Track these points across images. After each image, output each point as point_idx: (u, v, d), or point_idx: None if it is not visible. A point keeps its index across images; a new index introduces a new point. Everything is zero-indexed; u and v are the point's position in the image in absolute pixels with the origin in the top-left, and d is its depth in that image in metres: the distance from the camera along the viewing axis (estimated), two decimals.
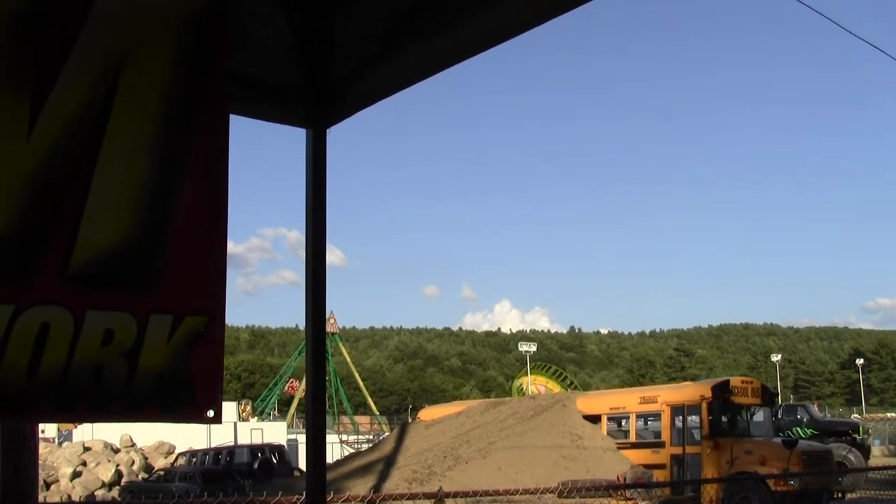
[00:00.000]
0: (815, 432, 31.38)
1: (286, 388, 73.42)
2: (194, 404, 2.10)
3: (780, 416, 30.59)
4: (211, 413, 2.12)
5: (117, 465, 32.55)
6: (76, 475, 30.96)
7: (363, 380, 79.85)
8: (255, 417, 62.56)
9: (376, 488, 19.64)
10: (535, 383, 57.74)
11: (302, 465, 32.97)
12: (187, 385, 2.08)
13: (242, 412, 59.58)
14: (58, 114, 1.92)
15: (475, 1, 2.33)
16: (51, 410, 1.95)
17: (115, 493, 30.32)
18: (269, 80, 2.85)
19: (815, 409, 38.71)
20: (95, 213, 1.96)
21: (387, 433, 44.91)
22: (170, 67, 2.10)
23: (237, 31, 2.27)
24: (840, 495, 19.92)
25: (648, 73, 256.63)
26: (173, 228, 2.09)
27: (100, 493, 30.26)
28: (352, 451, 41.35)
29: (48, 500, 24.48)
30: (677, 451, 21.27)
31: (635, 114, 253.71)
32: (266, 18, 2.74)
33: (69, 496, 28.45)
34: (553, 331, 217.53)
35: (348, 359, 72.04)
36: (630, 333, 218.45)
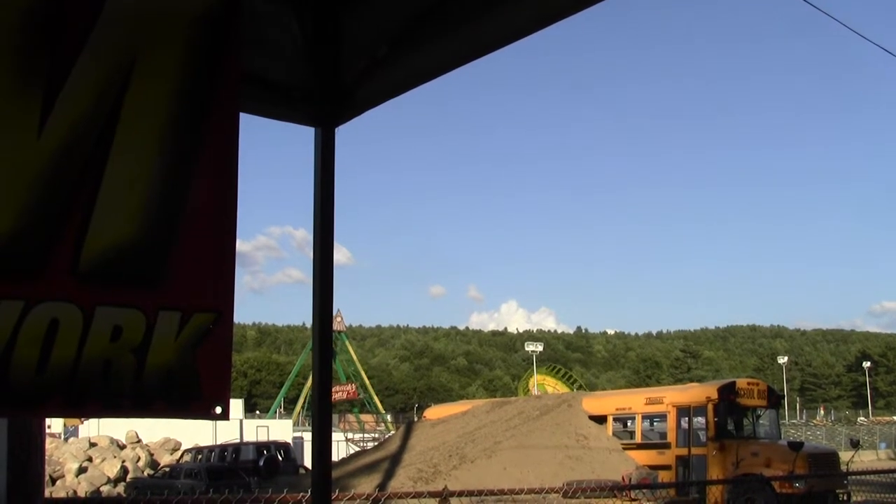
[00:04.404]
0: None
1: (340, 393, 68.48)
2: (202, 401, 2.11)
3: None
4: (218, 409, 2.13)
5: (123, 462, 32.66)
6: (82, 471, 31.05)
7: (369, 378, 79.79)
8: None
9: (381, 487, 19.67)
10: (546, 383, 57.43)
11: (307, 462, 33.01)
12: (195, 381, 2.09)
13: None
14: (69, 111, 1.93)
15: (486, 1, 2.33)
16: (60, 406, 1.96)
17: (120, 489, 30.36)
18: (279, 78, 2.84)
19: None
20: (105, 209, 1.97)
21: (392, 432, 44.92)
22: (181, 65, 2.10)
23: (248, 29, 2.28)
24: (846, 498, 19.86)
25: (653, 74, 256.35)
26: (183, 225, 2.09)
27: (105, 489, 30.32)
28: (357, 449, 41.39)
29: (53, 495, 24.51)
30: (683, 452, 21.26)
31: (641, 114, 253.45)
32: (277, 17, 2.74)
33: (74, 492, 28.50)
34: (559, 331, 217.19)
35: (354, 357, 71.94)
36: (636, 334, 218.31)
